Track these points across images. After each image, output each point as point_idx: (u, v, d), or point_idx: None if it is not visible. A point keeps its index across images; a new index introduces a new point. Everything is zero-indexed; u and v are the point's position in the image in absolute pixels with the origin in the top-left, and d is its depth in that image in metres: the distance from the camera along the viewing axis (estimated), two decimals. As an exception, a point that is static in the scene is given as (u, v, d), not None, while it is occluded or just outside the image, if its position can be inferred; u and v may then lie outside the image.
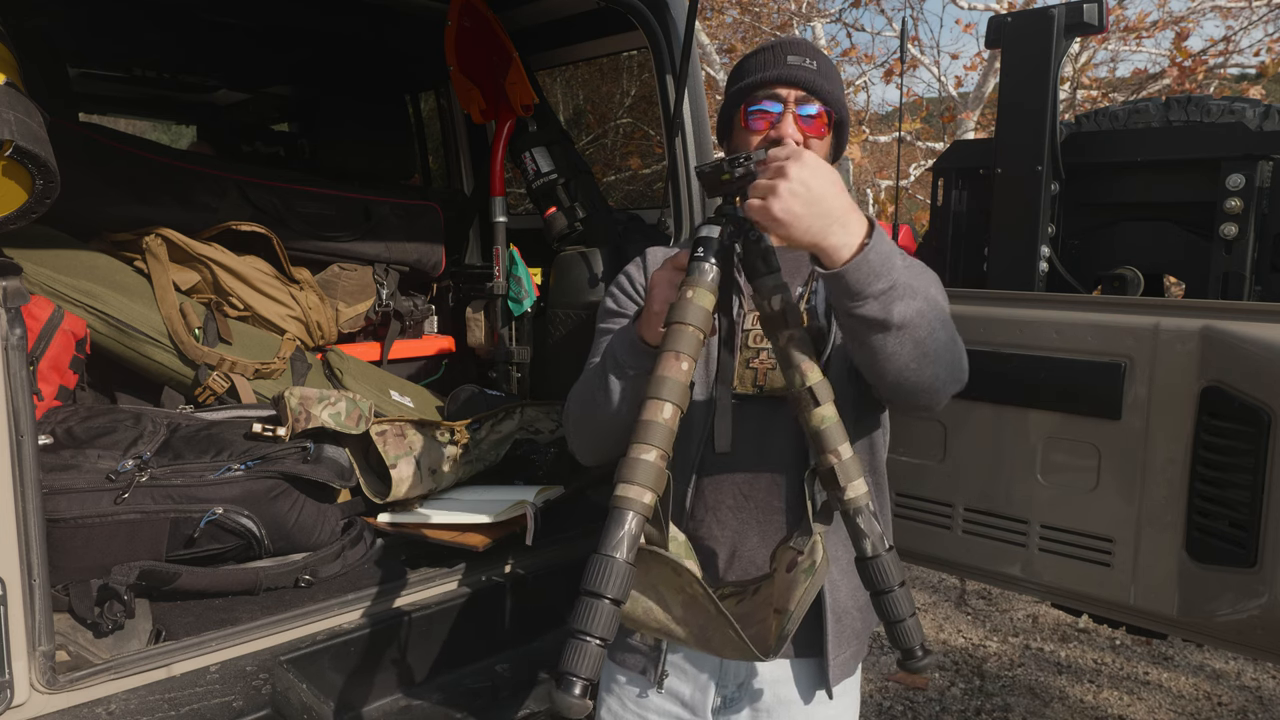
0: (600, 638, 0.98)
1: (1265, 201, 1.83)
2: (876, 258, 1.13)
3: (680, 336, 1.11)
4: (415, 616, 1.82)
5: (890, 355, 1.20)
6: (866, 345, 1.20)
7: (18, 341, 1.37)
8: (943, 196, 2.27)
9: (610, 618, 0.99)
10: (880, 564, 1.18)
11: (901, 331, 1.17)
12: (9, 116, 1.31)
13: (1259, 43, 7.81)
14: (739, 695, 1.45)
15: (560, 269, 2.81)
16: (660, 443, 1.07)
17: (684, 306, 1.13)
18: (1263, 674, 3.66)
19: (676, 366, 1.10)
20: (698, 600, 1.15)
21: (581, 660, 0.97)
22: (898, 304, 1.15)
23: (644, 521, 1.05)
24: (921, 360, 1.22)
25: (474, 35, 2.86)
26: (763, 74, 1.43)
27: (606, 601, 0.99)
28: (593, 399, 1.40)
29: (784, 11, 8.93)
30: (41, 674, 1.40)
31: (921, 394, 1.27)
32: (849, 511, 1.18)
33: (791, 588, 1.19)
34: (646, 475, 1.05)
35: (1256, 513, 1.53)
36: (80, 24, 3.03)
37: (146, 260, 2.38)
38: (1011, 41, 2.01)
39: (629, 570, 1.01)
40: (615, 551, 1.01)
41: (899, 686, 3.56)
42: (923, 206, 9.07)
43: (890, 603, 1.18)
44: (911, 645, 1.20)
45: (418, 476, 2.16)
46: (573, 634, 0.99)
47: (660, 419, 1.07)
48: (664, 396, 1.08)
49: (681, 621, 1.17)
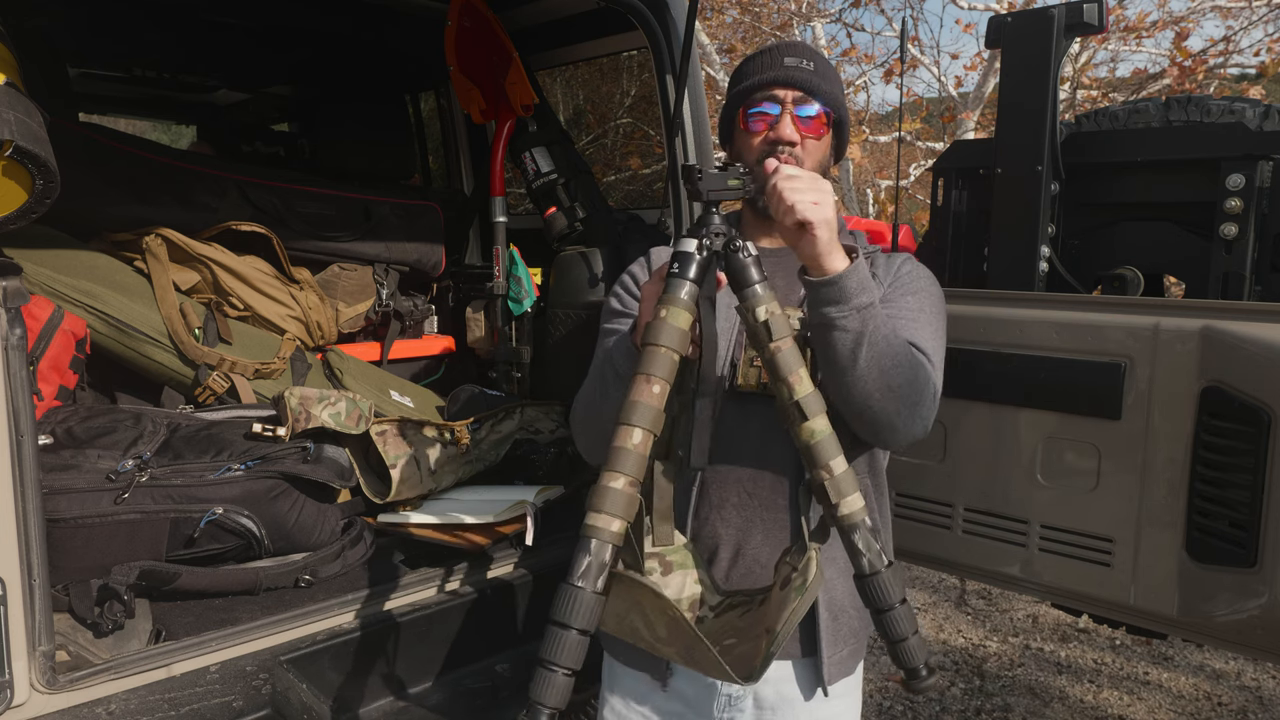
0: (567, 668, 1.00)
1: (1265, 201, 1.83)
2: (864, 274, 1.23)
3: (653, 359, 1.10)
4: (415, 616, 1.82)
5: (859, 377, 1.25)
6: (839, 363, 1.25)
7: (18, 341, 1.37)
8: (943, 196, 2.27)
9: (577, 648, 1.00)
10: (879, 581, 1.14)
11: (873, 353, 1.24)
12: (9, 116, 1.31)
13: (1259, 43, 7.81)
14: (743, 693, 1.45)
15: (560, 269, 2.81)
16: (630, 470, 1.06)
17: (657, 327, 1.12)
18: (1263, 674, 3.66)
19: (648, 390, 1.09)
20: (679, 624, 1.15)
21: (548, 690, 0.99)
22: (873, 323, 1.23)
23: (614, 550, 1.05)
24: (886, 392, 1.27)
25: (474, 35, 2.86)
26: (760, 76, 1.45)
27: (573, 632, 1.00)
28: (594, 403, 1.42)
29: (784, 11, 8.92)
30: (41, 674, 1.40)
31: (883, 429, 1.32)
32: (844, 528, 1.16)
33: (781, 606, 1.18)
34: (615, 504, 1.05)
35: (1256, 513, 1.53)
36: (80, 24, 3.03)
37: (146, 260, 2.38)
38: (1011, 41, 2.01)
39: (596, 600, 1.02)
40: (582, 582, 1.02)
41: (899, 686, 3.56)
42: (923, 206, 9.06)
43: (890, 621, 1.15)
44: (915, 665, 1.16)
45: (418, 476, 2.16)
46: (540, 663, 1.00)
47: (630, 445, 1.07)
48: (634, 422, 1.08)
49: (666, 642, 1.17)
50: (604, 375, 1.39)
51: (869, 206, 9.59)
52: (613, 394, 1.37)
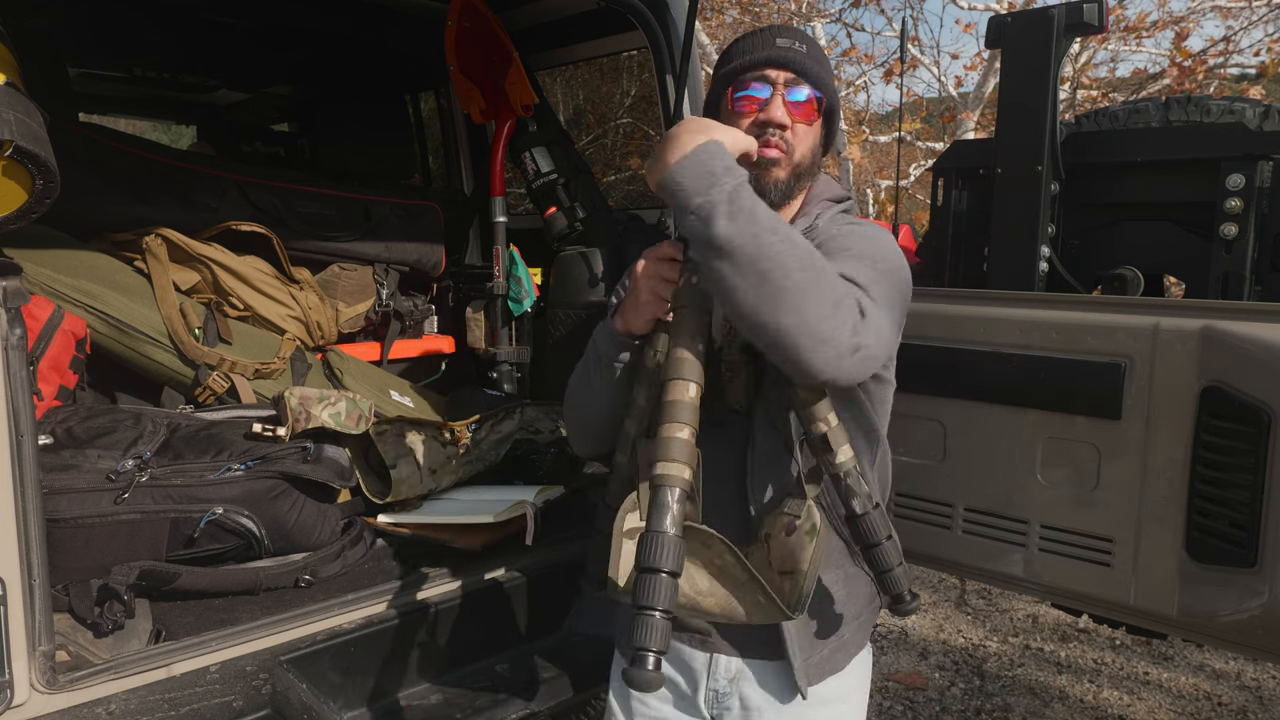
0: (664, 610, 1.02)
1: (1265, 201, 1.83)
2: (693, 165, 1.09)
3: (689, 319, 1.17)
4: (415, 616, 1.82)
5: (731, 290, 1.09)
6: (713, 283, 1.12)
7: (18, 341, 1.37)
8: (943, 196, 2.27)
9: (670, 589, 1.04)
10: (869, 520, 1.26)
11: (737, 259, 1.07)
12: (9, 116, 1.31)
13: (1259, 43, 7.81)
14: (729, 690, 1.45)
15: (560, 269, 2.81)
16: (689, 419, 1.12)
17: (689, 291, 1.18)
18: (1263, 674, 3.65)
19: (694, 346, 1.15)
20: (727, 569, 1.17)
21: (651, 634, 1.02)
22: (720, 221, 1.07)
23: (685, 495, 1.09)
24: (771, 303, 1.08)
25: (474, 35, 2.86)
26: (750, 56, 1.38)
27: (664, 575, 1.03)
28: (579, 391, 1.44)
29: (784, 11, 8.92)
30: (41, 674, 1.41)
31: (787, 349, 1.12)
32: (839, 475, 1.24)
33: (799, 549, 1.23)
34: (682, 451, 1.10)
35: (1256, 513, 1.53)
36: (80, 24, 3.03)
37: (146, 260, 2.38)
38: (1011, 41, 2.01)
39: (679, 543, 1.06)
40: (665, 526, 1.06)
41: (899, 686, 3.56)
42: (923, 206, 9.06)
43: (879, 555, 1.27)
44: (900, 591, 1.29)
45: (418, 476, 2.16)
46: (639, 610, 1.02)
47: (686, 398, 1.13)
48: (686, 376, 1.14)
49: (708, 594, 1.19)
50: (588, 359, 1.40)
51: (869, 206, 9.59)
52: (594, 383, 1.38)
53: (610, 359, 1.35)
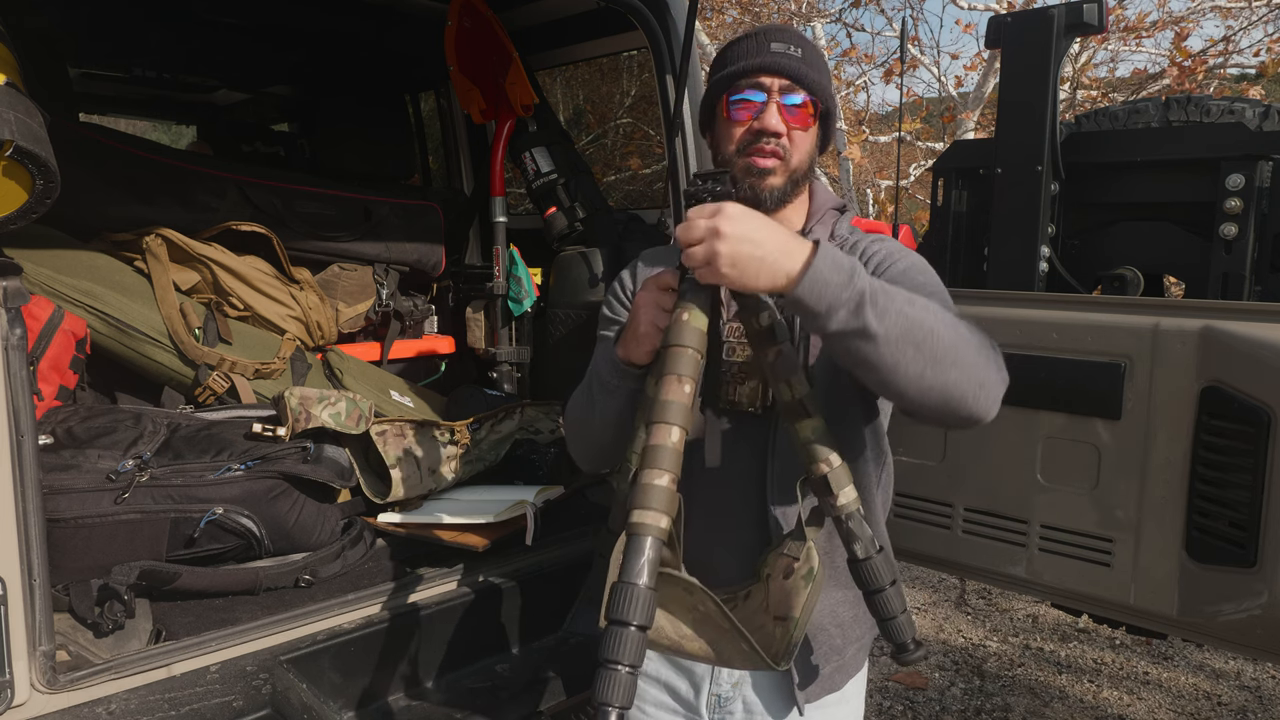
0: (630, 665, 1.00)
1: (1265, 201, 1.83)
2: (825, 267, 1.08)
3: (680, 359, 1.12)
4: (415, 616, 1.82)
5: (892, 367, 1.12)
6: (864, 363, 1.13)
7: (18, 341, 1.37)
8: (943, 196, 2.27)
9: (638, 644, 1.01)
10: (871, 566, 1.21)
11: (890, 338, 1.10)
12: (9, 116, 1.31)
13: (1259, 43, 7.80)
14: (731, 695, 1.45)
15: (560, 269, 2.81)
16: (670, 466, 1.08)
17: (680, 329, 1.13)
18: (1263, 674, 3.66)
19: (680, 390, 1.11)
20: (710, 616, 1.15)
21: (614, 689, 0.99)
22: (869, 310, 1.09)
23: (661, 545, 1.06)
24: (934, 366, 1.12)
25: (474, 35, 2.86)
26: (745, 61, 1.37)
27: (633, 628, 1.01)
28: (583, 415, 1.42)
29: (784, 11, 8.92)
30: (42, 674, 1.41)
31: (955, 403, 1.16)
32: (840, 517, 1.21)
33: (793, 594, 1.20)
34: (660, 500, 1.07)
35: (1256, 513, 1.53)
36: (80, 24, 3.03)
37: (146, 260, 2.38)
38: (1011, 41, 2.01)
39: (651, 595, 1.03)
40: (638, 578, 1.03)
41: (899, 686, 3.56)
42: (923, 206, 9.06)
43: (882, 601, 1.22)
44: (904, 640, 1.24)
45: (418, 476, 2.16)
46: (604, 664, 1.00)
47: (669, 443, 1.09)
48: (670, 420, 1.10)
49: (691, 638, 1.19)
50: (591, 387, 1.38)
51: (869, 206, 9.59)
52: (599, 407, 1.36)
53: (612, 385, 1.33)
